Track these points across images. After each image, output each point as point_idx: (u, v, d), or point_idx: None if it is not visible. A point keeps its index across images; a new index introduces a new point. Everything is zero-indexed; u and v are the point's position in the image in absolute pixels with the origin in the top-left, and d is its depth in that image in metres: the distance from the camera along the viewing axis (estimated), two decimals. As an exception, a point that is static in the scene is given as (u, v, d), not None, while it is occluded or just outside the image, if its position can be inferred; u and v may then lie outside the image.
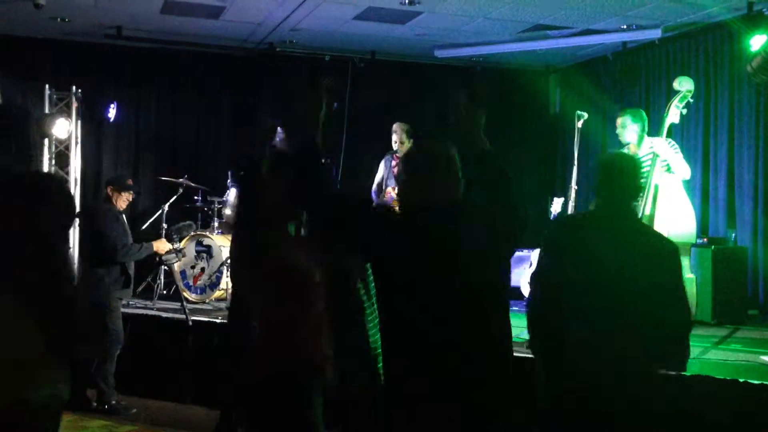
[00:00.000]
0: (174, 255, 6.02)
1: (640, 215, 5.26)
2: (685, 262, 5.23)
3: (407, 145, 6.49)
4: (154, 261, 6.41)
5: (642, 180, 5.13)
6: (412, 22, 7.55)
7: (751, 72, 6.43)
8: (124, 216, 5.72)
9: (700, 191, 7.25)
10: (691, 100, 5.47)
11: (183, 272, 7.09)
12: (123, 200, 5.65)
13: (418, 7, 7.02)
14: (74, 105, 7.62)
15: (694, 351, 4.63)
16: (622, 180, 2.92)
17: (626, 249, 2.79)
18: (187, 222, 6.59)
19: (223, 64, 8.81)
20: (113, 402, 5.38)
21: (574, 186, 5.60)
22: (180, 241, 6.45)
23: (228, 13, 7.35)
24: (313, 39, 8.23)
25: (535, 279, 2.98)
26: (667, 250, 2.86)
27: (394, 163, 6.58)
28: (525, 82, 9.12)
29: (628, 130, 5.48)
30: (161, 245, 5.88)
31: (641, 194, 5.10)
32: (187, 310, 5.93)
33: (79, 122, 7.71)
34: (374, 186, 6.73)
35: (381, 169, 6.71)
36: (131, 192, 5.75)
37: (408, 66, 9.02)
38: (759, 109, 6.95)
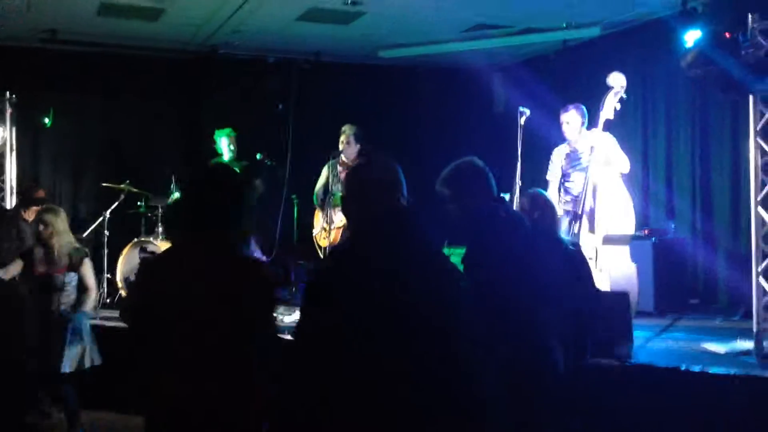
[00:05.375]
0: None
1: (579, 212, 5.37)
2: (627, 253, 5.36)
3: (353, 147, 6.42)
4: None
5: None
6: (355, 23, 7.54)
7: (685, 67, 6.62)
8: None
9: (639, 187, 7.40)
10: (624, 96, 5.60)
11: (127, 279, 6.94)
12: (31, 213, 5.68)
13: (361, 8, 7.02)
14: (8, 111, 7.38)
15: (638, 340, 4.74)
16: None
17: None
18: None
19: (164, 67, 8.65)
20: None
21: (518, 182, 5.67)
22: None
23: (167, 16, 7.22)
24: (255, 41, 8.14)
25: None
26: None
27: (340, 168, 6.49)
28: (469, 80, 9.19)
29: (572, 125, 5.64)
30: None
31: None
32: None
33: (14, 129, 7.47)
34: (318, 188, 6.65)
35: (324, 173, 6.62)
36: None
37: (353, 67, 9.00)
38: (695, 104, 7.14)
